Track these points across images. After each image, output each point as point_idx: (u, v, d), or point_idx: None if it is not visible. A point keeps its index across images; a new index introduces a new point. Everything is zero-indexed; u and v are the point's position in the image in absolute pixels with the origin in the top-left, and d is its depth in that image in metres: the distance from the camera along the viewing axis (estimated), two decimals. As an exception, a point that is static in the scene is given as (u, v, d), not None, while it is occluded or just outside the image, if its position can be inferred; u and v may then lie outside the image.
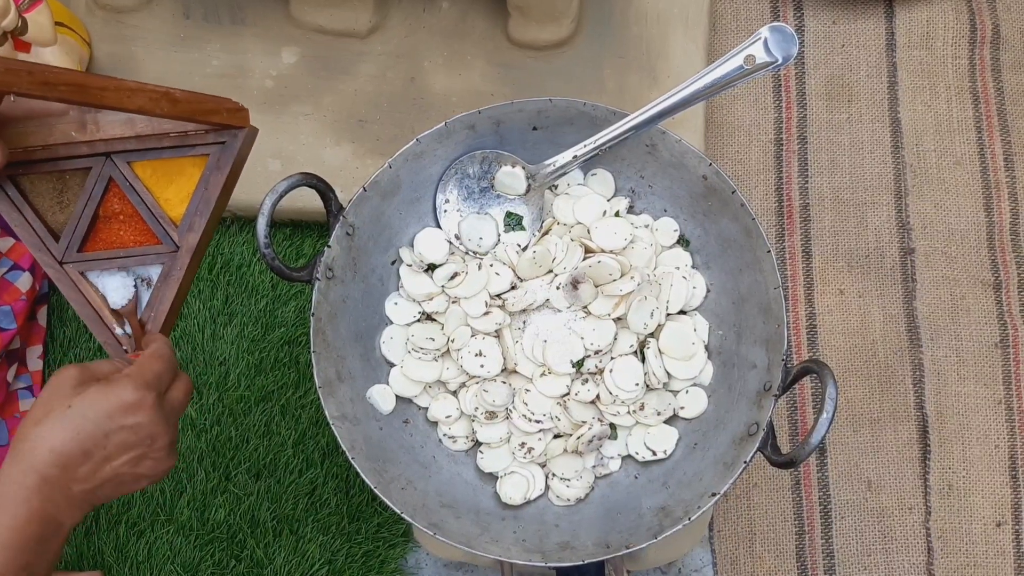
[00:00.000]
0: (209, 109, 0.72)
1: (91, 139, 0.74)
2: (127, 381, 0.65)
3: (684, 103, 0.81)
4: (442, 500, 0.82)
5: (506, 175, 0.87)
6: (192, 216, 0.74)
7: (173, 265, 0.74)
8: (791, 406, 1.15)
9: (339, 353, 0.83)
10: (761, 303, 0.82)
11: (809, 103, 1.24)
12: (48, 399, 0.64)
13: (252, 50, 1.18)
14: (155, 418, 0.65)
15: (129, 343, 0.74)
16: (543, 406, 0.84)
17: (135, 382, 0.65)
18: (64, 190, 0.75)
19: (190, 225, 0.74)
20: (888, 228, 1.20)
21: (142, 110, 0.69)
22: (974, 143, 1.22)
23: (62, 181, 0.75)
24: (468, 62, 1.17)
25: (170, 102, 0.70)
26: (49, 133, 0.74)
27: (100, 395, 0.64)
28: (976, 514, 1.12)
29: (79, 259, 0.75)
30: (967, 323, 1.17)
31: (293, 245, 1.18)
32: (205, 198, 0.74)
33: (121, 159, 0.74)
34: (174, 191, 0.75)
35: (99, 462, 0.64)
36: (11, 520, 0.61)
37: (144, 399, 0.65)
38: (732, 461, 0.78)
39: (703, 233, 0.87)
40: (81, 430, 0.63)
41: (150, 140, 0.74)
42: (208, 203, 0.74)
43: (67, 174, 0.75)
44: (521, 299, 0.85)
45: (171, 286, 0.74)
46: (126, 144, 0.74)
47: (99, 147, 0.74)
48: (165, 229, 0.74)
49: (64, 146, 0.74)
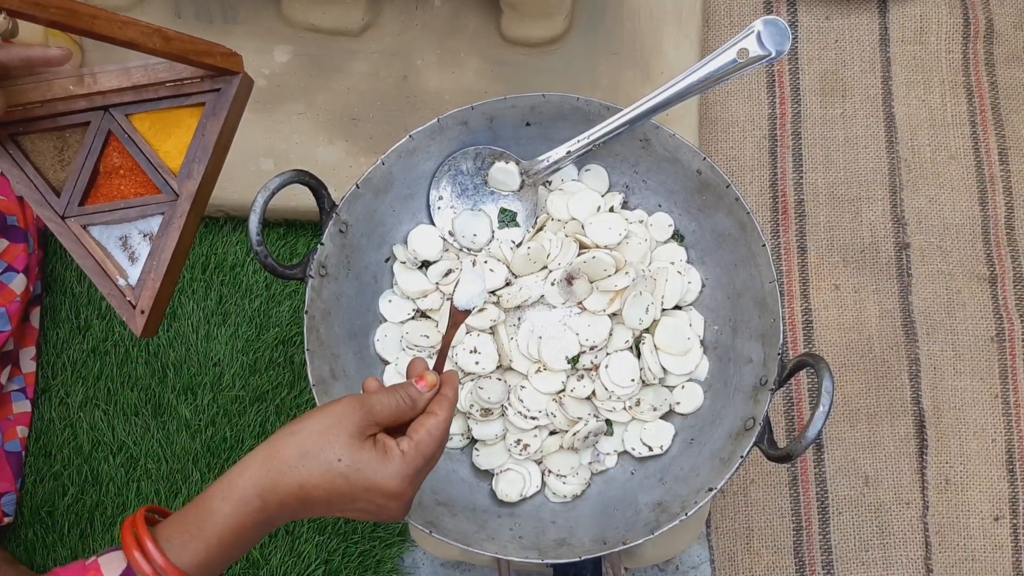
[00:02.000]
0: (202, 50, 0.72)
1: (88, 92, 0.75)
2: (397, 466, 0.63)
3: (678, 97, 0.81)
4: (438, 498, 0.82)
5: (500, 171, 0.87)
6: (191, 163, 0.74)
7: (173, 213, 0.74)
8: (787, 401, 1.15)
9: (333, 351, 0.82)
10: (756, 297, 0.82)
11: (803, 99, 1.24)
12: (327, 432, 0.63)
13: (244, 49, 1.15)
14: (405, 508, 0.65)
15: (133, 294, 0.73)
16: (539, 403, 0.83)
17: (404, 470, 0.63)
18: (64, 148, 0.76)
19: (188, 172, 0.74)
20: (883, 223, 1.20)
21: (133, 43, 0.68)
22: (968, 137, 1.22)
23: (62, 139, 0.76)
24: (461, 60, 1.17)
25: (162, 39, 0.69)
26: (48, 88, 0.74)
27: (368, 468, 0.62)
28: (973, 508, 1.12)
29: (80, 212, 0.75)
30: (963, 317, 1.17)
31: (287, 244, 1.17)
32: (203, 145, 0.74)
33: (119, 112, 0.75)
34: (173, 143, 0.75)
35: (335, 511, 0.64)
36: (237, 520, 0.62)
37: (403, 493, 0.64)
38: (728, 456, 0.77)
39: (698, 228, 0.87)
40: (335, 488, 0.62)
41: (147, 91, 0.75)
42: (206, 150, 0.74)
43: (67, 132, 0.76)
44: (516, 295, 0.85)
45: (172, 235, 0.74)
46: (123, 96, 0.75)
47: (97, 100, 0.75)
48: (165, 179, 0.74)
49: (63, 101, 0.75)
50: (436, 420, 0.65)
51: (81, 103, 0.75)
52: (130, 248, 0.74)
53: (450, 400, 0.67)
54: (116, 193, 0.75)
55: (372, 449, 0.63)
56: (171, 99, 0.75)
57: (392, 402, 0.65)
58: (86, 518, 1.11)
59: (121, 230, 0.75)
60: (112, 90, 0.74)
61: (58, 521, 1.10)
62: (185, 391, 1.14)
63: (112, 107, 0.75)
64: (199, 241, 1.17)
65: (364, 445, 0.63)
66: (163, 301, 0.74)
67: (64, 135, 0.76)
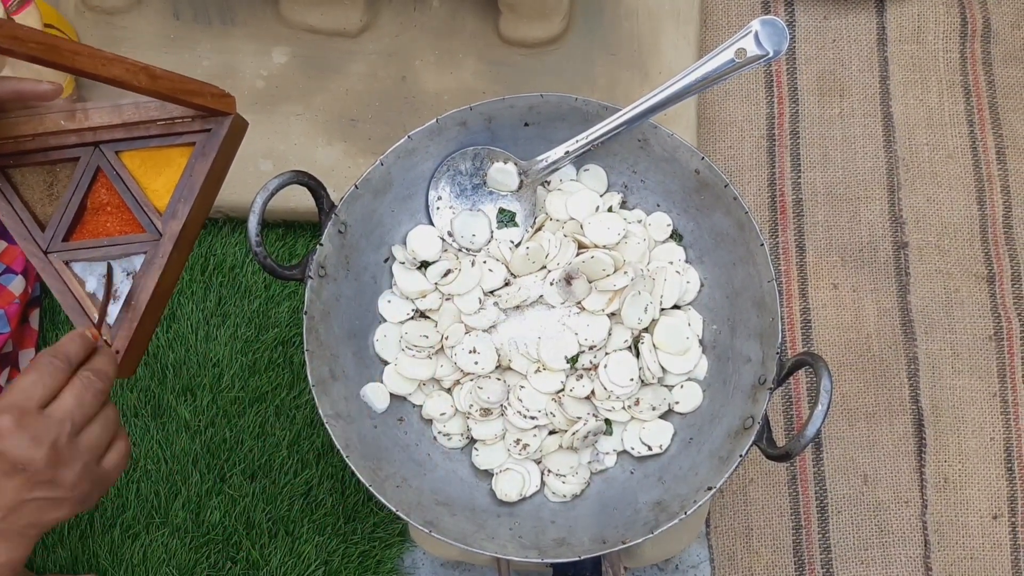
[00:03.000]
0: (191, 90, 0.71)
1: (80, 127, 0.74)
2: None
3: (676, 97, 0.81)
4: (437, 498, 0.82)
5: (498, 171, 0.87)
6: (176, 203, 0.74)
7: (155, 253, 0.73)
8: (786, 401, 1.15)
9: (332, 351, 0.82)
10: (755, 297, 0.82)
11: (801, 98, 1.24)
12: None
13: (242, 50, 1.18)
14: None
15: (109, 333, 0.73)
16: (538, 402, 0.84)
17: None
18: (54, 183, 0.75)
19: (173, 212, 0.74)
20: (881, 222, 1.20)
21: (118, 80, 0.67)
22: (966, 136, 1.22)
23: (52, 174, 0.75)
24: (459, 60, 1.17)
25: (149, 77, 0.68)
26: (39, 122, 0.74)
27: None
28: (972, 507, 1.12)
29: (63, 248, 0.74)
30: (961, 316, 1.17)
31: (286, 246, 1.18)
32: (189, 185, 0.74)
33: (109, 148, 0.74)
34: (162, 182, 0.75)
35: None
36: None
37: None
38: (728, 455, 0.78)
39: (696, 227, 0.87)
40: None
41: (138, 129, 0.74)
42: (192, 190, 0.74)
43: (57, 166, 0.75)
44: (515, 295, 0.85)
45: (152, 275, 0.73)
46: (114, 133, 0.74)
47: (88, 136, 0.75)
48: (150, 217, 0.74)
49: (54, 135, 0.74)
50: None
51: (72, 138, 0.74)
52: (112, 286, 0.74)
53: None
54: (102, 230, 0.75)
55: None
56: (162, 137, 0.74)
57: None
58: (86, 519, 1.11)
59: (104, 267, 0.74)
60: (103, 126, 0.74)
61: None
62: (184, 392, 1.14)
63: (103, 143, 0.74)
64: (198, 242, 1.17)
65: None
66: (141, 341, 0.73)
67: (54, 169, 0.76)
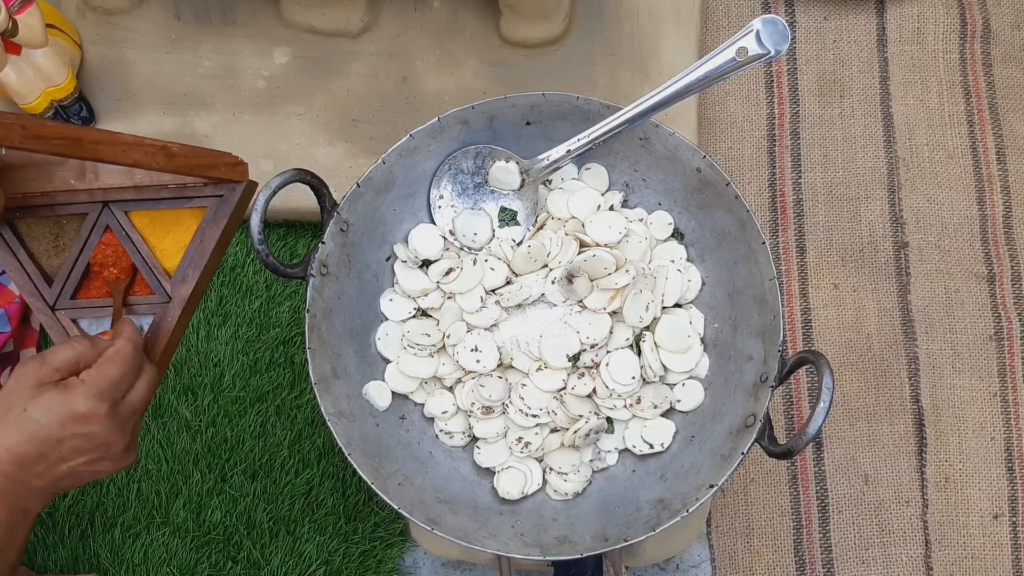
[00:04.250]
0: (207, 164, 0.72)
1: (90, 187, 0.74)
2: (82, 390, 0.66)
3: (677, 96, 0.82)
4: (439, 495, 0.82)
5: (500, 170, 0.87)
6: (186, 268, 0.74)
7: (164, 316, 0.74)
8: (787, 399, 1.15)
9: (334, 350, 0.82)
10: (756, 295, 0.82)
11: (801, 99, 1.24)
12: (7, 396, 0.66)
13: (244, 51, 1.18)
14: (108, 428, 0.67)
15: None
16: (540, 400, 0.84)
17: (89, 391, 0.66)
18: (60, 235, 0.76)
19: (183, 277, 0.74)
20: (881, 222, 1.20)
21: (138, 164, 0.69)
22: (966, 137, 1.23)
23: (59, 226, 0.75)
24: (460, 61, 1.17)
25: (167, 156, 0.70)
26: (48, 180, 0.74)
27: (54, 402, 0.65)
28: (973, 506, 1.12)
29: (72, 306, 0.75)
30: (961, 316, 1.17)
31: (287, 245, 1.18)
32: (200, 250, 0.74)
33: (118, 208, 0.75)
34: (170, 242, 0.75)
35: (54, 462, 0.66)
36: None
37: (95, 411, 0.66)
38: (729, 453, 0.78)
39: (697, 226, 0.87)
40: (35, 435, 0.65)
41: (148, 191, 0.74)
42: (203, 255, 0.75)
43: (64, 219, 0.75)
44: (516, 294, 0.85)
45: (161, 339, 0.74)
46: (124, 194, 0.74)
47: (97, 196, 0.75)
48: (158, 279, 0.74)
49: (63, 193, 0.75)
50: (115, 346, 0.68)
51: (82, 196, 0.75)
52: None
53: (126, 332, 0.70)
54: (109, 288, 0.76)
55: (54, 389, 0.66)
56: (173, 200, 0.75)
57: (67, 348, 0.67)
58: (87, 519, 1.11)
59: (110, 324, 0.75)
60: (113, 187, 0.74)
61: (59, 522, 1.10)
62: (185, 392, 1.14)
63: (112, 202, 0.75)
64: (199, 242, 1.17)
65: (46, 390, 0.65)
66: None
67: (61, 222, 0.76)
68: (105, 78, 1.16)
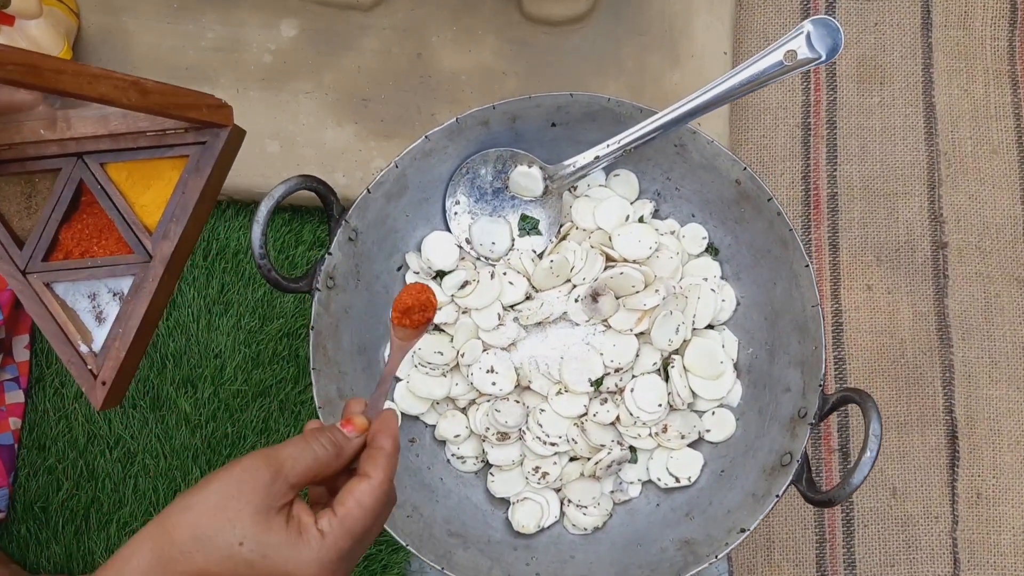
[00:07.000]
0: (186, 103, 0.65)
1: (61, 137, 0.68)
2: (316, 552, 0.52)
3: (717, 101, 0.76)
4: (450, 528, 0.77)
5: (521, 175, 0.81)
6: (167, 223, 0.68)
7: (145, 277, 0.67)
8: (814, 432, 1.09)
9: (341, 368, 0.77)
10: (797, 321, 0.76)
11: (839, 85, 1.17)
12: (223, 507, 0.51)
13: (249, 22, 1.11)
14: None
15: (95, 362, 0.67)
16: (559, 427, 0.78)
17: (324, 556, 0.52)
18: (33, 194, 0.69)
19: (165, 233, 0.68)
20: (920, 220, 1.14)
21: (106, 99, 0.61)
22: (1012, 131, 1.16)
23: (31, 185, 0.69)
24: (479, 38, 1.10)
25: (139, 92, 0.62)
26: (16, 131, 0.68)
27: (278, 553, 0.51)
28: (1005, 524, 1.07)
29: (44, 268, 0.68)
30: (1000, 323, 1.11)
31: (292, 231, 1.12)
32: (182, 203, 0.67)
33: (94, 160, 0.68)
34: (151, 197, 0.69)
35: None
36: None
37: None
38: (763, 494, 0.73)
39: (734, 241, 0.81)
40: None
41: (125, 140, 0.68)
42: (185, 209, 0.67)
43: (36, 177, 0.69)
44: (536, 311, 0.79)
45: (142, 300, 0.67)
46: (99, 144, 0.68)
47: (70, 147, 0.68)
48: (138, 237, 0.68)
49: (33, 145, 0.68)
50: (368, 486, 0.53)
51: (53, 148, 0.68)
52: (98, 307, 0.68)
53: (387, 454, 0.55)
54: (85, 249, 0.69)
55: (283, 529, 0.52)
56: (151, 150, 0.68)
57: (308, 455, 0.53)
58: (81, 515, 1.07)
59: (89, 287, 0.68)
60: (87, 137, 0.68)
61: (52, 517, 1.06)
62: (185, 384, 1.09)
63: (86, 154, 0.68)
64: (200, 226, 1.12)
65: (273, 523, 0.51)
66: (128, 370, 0.68)
67: (33, 180, 0.69)
68: (103, 49, 1.10)
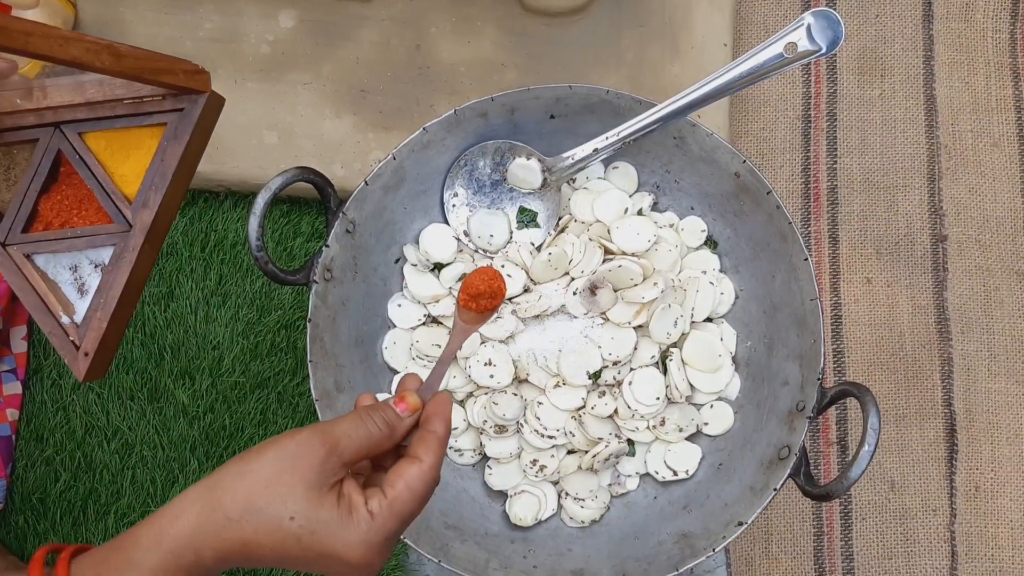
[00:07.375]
0: (161, 68, 0.65)
1: (38, 107, 0.68)
2: (365, 533, 0.52)
3: (717, 93, 0.75)
4: (447, 520, 0.77)
5: (520, 168, 0.81)
6: (146, 191, 0.67)
7: (125, 246, 0.67)
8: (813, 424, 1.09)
9: (338, 361, 0.77)
10: (796, 314, 0.76)
11: (840, 77, 1.16)
12: (277, 480, 0.52)
13: (247, 12, 1.10)
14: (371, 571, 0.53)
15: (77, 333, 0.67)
16: (557, 420, 0.78)
17: (372, 538, 0.52)
18: (11, 166, 0.69)
19: (144, 201, 0.67)
20: (919, 213, 1.13)
21: (78, 62, 0.60)
22: (1013, 123, 1.15)
23: (9, 156, 0.69)
24: (478, 29, 1.10)
25: (113, 56, 0.62)
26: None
27: (326, 531, 0.51)
28: (1003, 517, 1.07)
29: (23, 240, 0.68)
30: (1000, 316, 1.11)
31: (290, 223, 1.11)
32: (161, 171, 0.67)
33: (71, 129, 0.68)
34: (130, 166, 0.68)
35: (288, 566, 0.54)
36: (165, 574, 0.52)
37: (371, 564, 0.53)
38: (761, 487, 0.72)
39: (733, 234, 0.81)
40: (286, 551, 0.52)
41: (102, 108, 0.68)
42: (164, 176, 0.67)
43: (14, 148, 0.69)
44: (535, 304, 0.79)
45: (122, 271, 0.67)
46: (76, 113, 0.68)
47: (47, 116, 0.68)
48: (118, 207, 0.67)
49: (9, 115, 0.68)
50: (419, 469, 0.53)
51: (30, 118, 0.67)
52: (80, 278, 0.68)
53: (439, 438, 0.55)
54: (65, 219, 0.69)
55: (334, 506, 0.52)
56: (129, 118, 0.68)
57: (362, 433, 0.53)
58: (79, 506, 1.07)
59: (71, 258, 0.68)
60: (64, 106, 0.67)
61: (50, 508, 1.06)
62: (183, 375, 1.09)
63: (64, 123, 0.68)
64: (198, 217, 1.11)
65: (324, 500, 0.52)
66: (111, 341, 0.67)
67: (11, 151, 0.69)
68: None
